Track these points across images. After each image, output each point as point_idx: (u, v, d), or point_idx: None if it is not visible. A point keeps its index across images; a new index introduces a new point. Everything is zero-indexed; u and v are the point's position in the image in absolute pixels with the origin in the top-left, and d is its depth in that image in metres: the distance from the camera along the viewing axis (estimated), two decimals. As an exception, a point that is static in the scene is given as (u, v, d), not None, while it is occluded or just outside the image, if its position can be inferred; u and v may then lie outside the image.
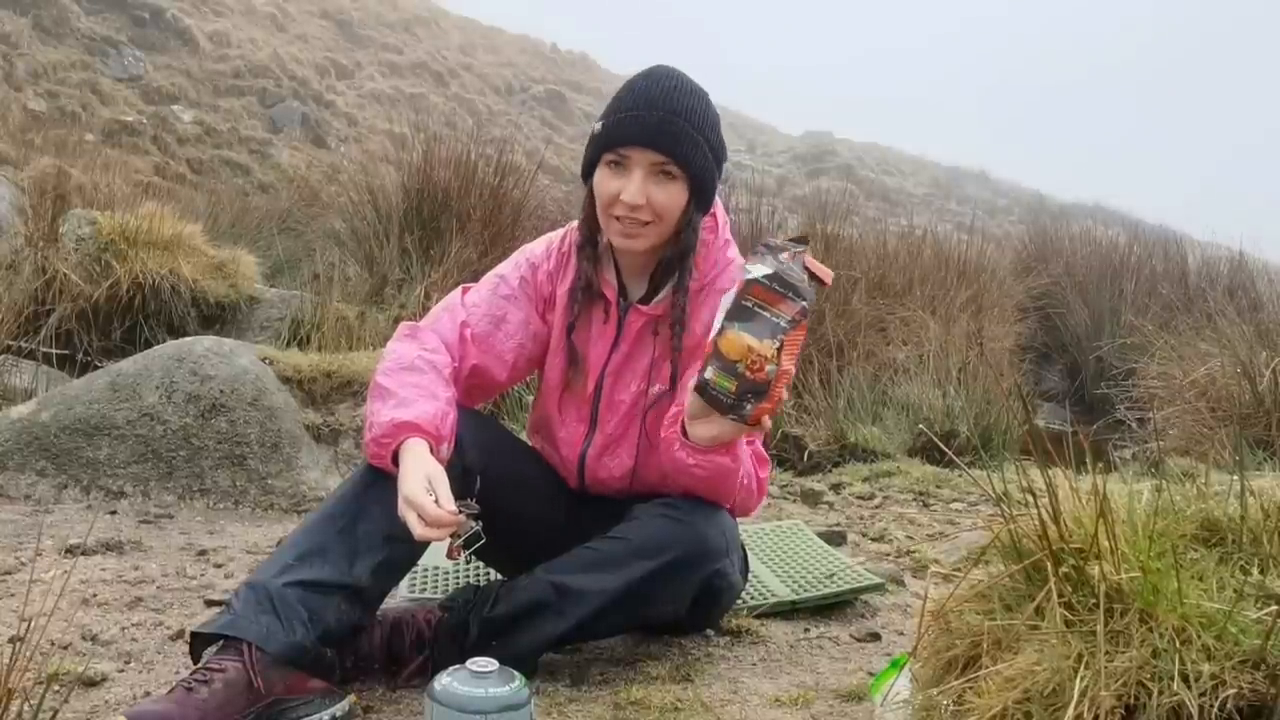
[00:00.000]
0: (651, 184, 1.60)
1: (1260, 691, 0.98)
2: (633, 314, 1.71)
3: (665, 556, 1.57)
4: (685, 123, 1.60)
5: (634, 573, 1.56)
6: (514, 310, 1.73)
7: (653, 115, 1.59)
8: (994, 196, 24.57)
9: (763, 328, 1.42)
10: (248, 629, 1.39)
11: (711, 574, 1.64)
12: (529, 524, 1.73)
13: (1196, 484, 1.30)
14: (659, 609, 1.65)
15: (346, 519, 1.52)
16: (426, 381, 1.58)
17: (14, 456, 2.69)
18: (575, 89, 22.72)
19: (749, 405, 1.44)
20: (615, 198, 1.61)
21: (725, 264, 1.72)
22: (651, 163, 1.60)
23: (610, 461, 1.76)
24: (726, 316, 1.43)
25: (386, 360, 1.62)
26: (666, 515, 1.62)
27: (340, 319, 4.23)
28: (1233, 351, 4.22)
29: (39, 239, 4.32)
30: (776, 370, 1.42)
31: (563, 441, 1.79)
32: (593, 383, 1.74)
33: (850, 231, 6.82)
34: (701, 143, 1.62)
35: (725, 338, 1.43)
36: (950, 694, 1.14)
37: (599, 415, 1.75)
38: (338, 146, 14.21)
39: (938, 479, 3.38)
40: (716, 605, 1.79)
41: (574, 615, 1.56)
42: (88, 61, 13.19)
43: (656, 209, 1.61)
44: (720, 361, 1.43)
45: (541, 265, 1.77)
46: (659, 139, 1.59)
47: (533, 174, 5.73)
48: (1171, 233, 9.06)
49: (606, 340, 1.73)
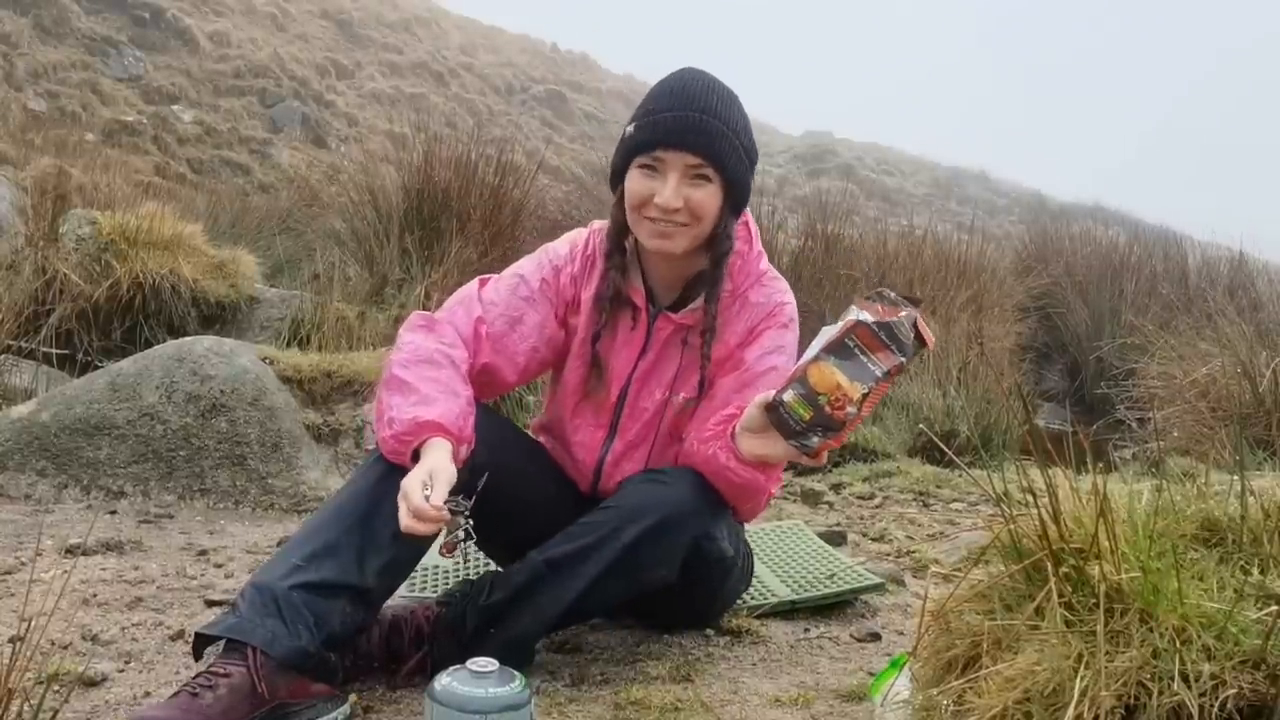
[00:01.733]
0: (687, 186, 1.57)
1: (1260, 691, 0.98)
2: (661, 321, 1.69)
3: (650, 518, 1.56)
4: (720, 124, 1.57)
5: (622, 538, 1.55)
6: (531, 312, 1.69)
7: (688, 116, 1.56)
8: (994, 196, 24.57)
9: (858, 370, 1.41)
10: (253, 633, 1.38)
11: (700, 536, 1.63)
12: (536, 523, 1.70)
13: (1196, 484, 1.30)
14: (653, 573, 1.62)
15: (357, 516, 1.50)
16: (446, 378, 1.54)
17: (14, 456, 2.69)
18: (575, 89, 22.74)
19: (815, 438, 1.44)
20: (648, 200, 1.58)
21: (758, 275, 1.70)
22: (687, 165, 1.57)
23: (627, 466, 1.74)
24: (825, 348, 1.42)
25: (402, 351, 1.57)
26: (649, 480, 1.63)
27: (340, 319, 4.23)
28: (1233, 351, 4.21)
29: (39, 239, 4.32)
30: (855, 414, 1.42)
31: (578, 445, 1.77)
32: (617, 390, 1.71)
33: (850, 231, 6.83)
34: (737, 145, 1.60)
35: (819, 368, 1.42)
36: (950, 694, 1.14)
37: (620, 422, 1.73)
38: (338, 146, 14.21)
39: (938, 479, 3.38)
40: (710, 581, 1.76)
41: (571, 588, 1.56)
42: (88, 61, 13.19)
43: (694, 210, 1.58)
44: (804, 389, 1.43)
45: (565, 268, 1.73)
46: (695, 140, 1.56)
47: (533, 174, 5.74)
48: (1171, 233, 9.06)
49: (634, 347, 1.71)
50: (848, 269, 5.98)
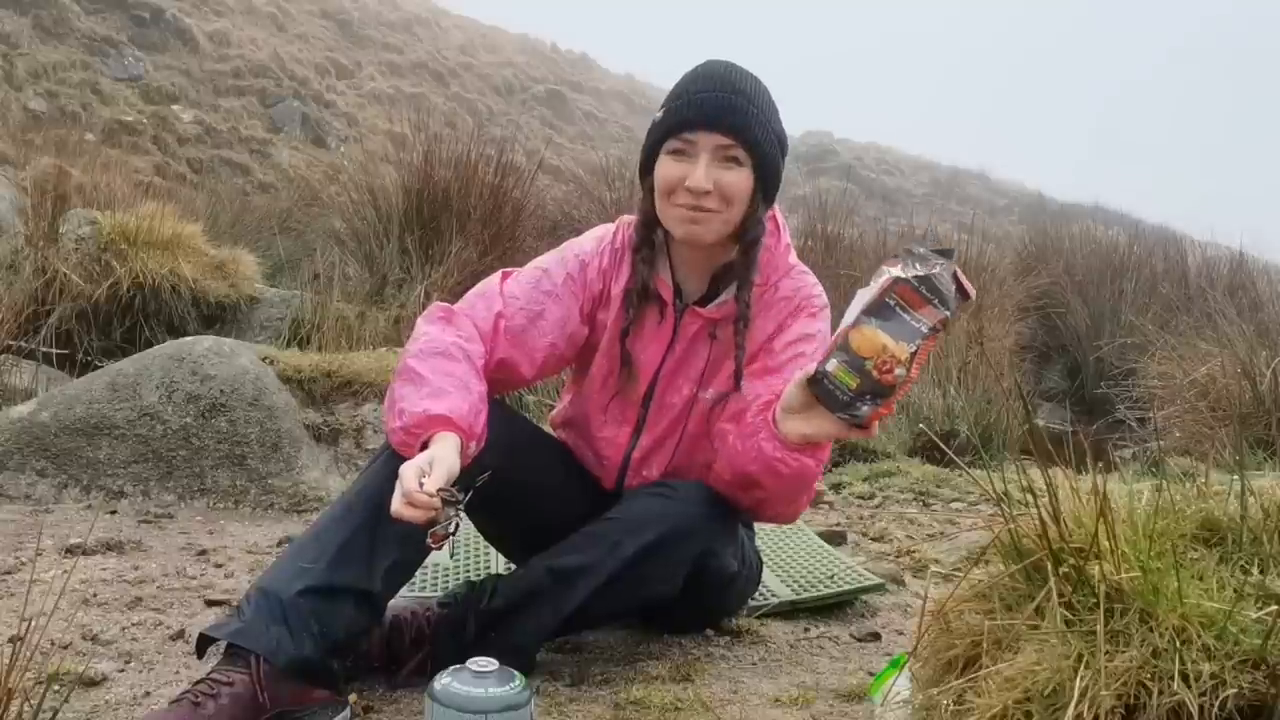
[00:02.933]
0: (718, 168, 1.54)
1: (1260, 691, 0.98)
2: (689, 316, 1.67)
3: (653, 532, 1.54)
4: (751, 105, 1.55)
5: (625, 550, 1.53)
6: (553, 307, 1.65)
7: (719, 96, 1.54)
8: (994, 196, 24.56)
9: (901, 329, 1.34)
10: (257, 640, 1.37)
11: (702, 554, 1.61)
12: (554, 523, 1.68)
13: (1196, 484, 1.30)
14: (654, 589, 1.61)
15: (366, 514, 1.47)
16: (460, 371, 1.50)
17: (14, 456, 2.69)
18: (575, 89, 22.73)
19: (865, 407, 1.37)
20: (679, 183, 1.55)
21: (787, 269, 1.68)
22: (717, 145, 1.54)
23: (654, 461, 1.72)
24: (864, 311, 1.35)
25: (418, 341, 1.54)
26: (655, 493, 1.61)
27: (340, 319, 4.24)
28: (1233, 351, 4.22)
29: (39, 239, 4.33)
30: (905, 376, 1.35)
31: (605, 442, 1.74)
32: (644, 385, 1.69)
33: (850, 231, 6.83)
34: (769, 127, 1.57)
35: (860, 332, 1.35)
36: (950, 694, 1.14)
37: (647, 418, 1.71)
38: (338, 146, 14.19)
39: (938, 479, 3.38)
40: (712, 594, 1.75)
41: (571, 599, 1.55)
42: (88, 61, 13.18)
43: (725, 193, 1.55)
44: (847, 355, 1.35)
45: (592, 262, 1.69)
46: (726, 119, 1.53)
47: (533, 174, 5.74)
48: (1171, 233, 9.06)
49: (661, 342, 1.68)
50: (848, 269, 5.98)
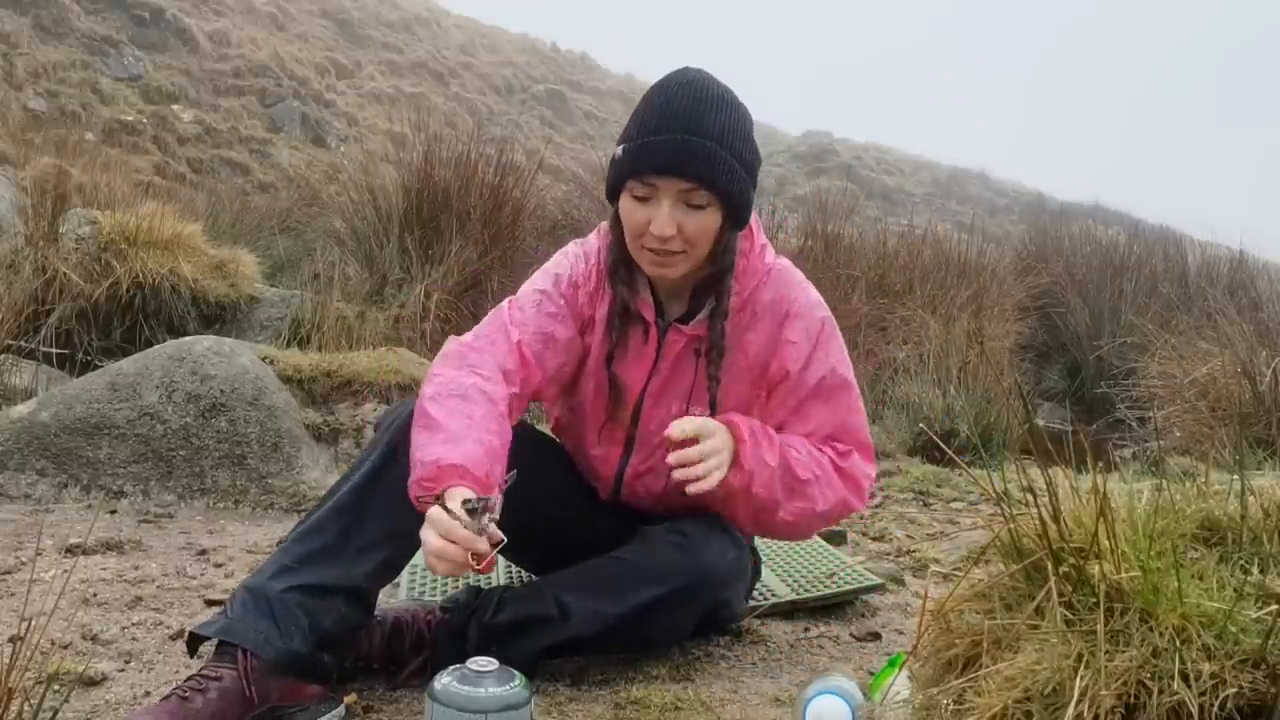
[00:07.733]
0: (681, 213, 1.50)
1: (1260, 691, 0.97)
2: (672, 334, 1.64)
3: (669, 585, 1.54)
4: (713, 143, 1.48)
5: (638, 599, 1.54)
6: (561, 329, 1.63)
7: (676, 140, 1.47)
8: (994, 196, 24.55)
9: None
10: (245, 635, 1.37)
11: (716, 603, 1.64)
12: (551, 528, 1.69)
13: (1196, 483, 1.30)
14: (660, 635, 1.64)
15: (352, 514, 1.48)
16: (480, 415, 1.43)
17: (14, 456, 2.69)
18: (575, 89, 22.73)
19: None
20: (644, 228, 1.52)
21: (764, 271, 1.64)
22: (680, 190, 1.50)
23: (649, 480, 1.71)
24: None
25: (434, 383, 1.49)
26: (672, 542, 1.59)
27: (340, 318, 4.24)
28: (1233, 351, 4.22)
29: (39, 239, 4.33)
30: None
31: (598, 459, 1.74)
32: (631, 405, 1.68)
33: (850, 231, 6.83)
34: (732, 162, 1.50)
35: None
36: (950, 693, 1.14)
37: (637, 438, 1.69)
38: (338, 146, 14.19)
39: (938, 478, 3.39)
40: (716, 628, 1.81)
41: (573, 631, 1.55)
42: (88, 61, 13.18)
43: (689, 238, 1.52)
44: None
45: (582, 286, 1.67)
46: (686, 165, 1.48)
47: (533, 174, 5.74)
48: (1171, 232, 9.05)
49: (646, 362, 1.66)
50: (848, 269, 5.99)
